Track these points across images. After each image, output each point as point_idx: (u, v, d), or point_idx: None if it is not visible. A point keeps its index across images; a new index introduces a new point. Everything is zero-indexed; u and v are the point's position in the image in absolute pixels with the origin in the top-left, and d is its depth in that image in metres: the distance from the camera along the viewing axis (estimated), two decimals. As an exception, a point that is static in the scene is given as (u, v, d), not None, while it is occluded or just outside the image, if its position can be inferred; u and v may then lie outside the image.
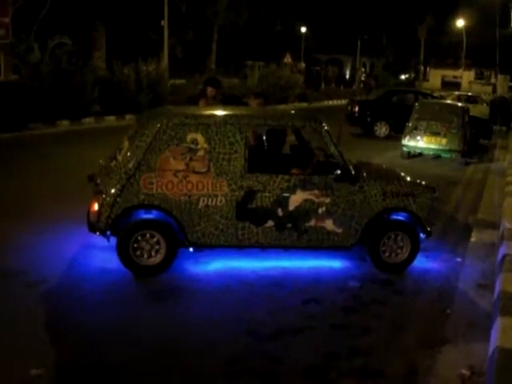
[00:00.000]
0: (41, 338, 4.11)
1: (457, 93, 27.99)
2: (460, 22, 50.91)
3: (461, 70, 54.00)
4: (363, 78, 49.56)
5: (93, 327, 4.32)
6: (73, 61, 17.74)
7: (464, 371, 3.87)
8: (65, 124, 16.49)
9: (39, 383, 3.59)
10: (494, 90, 35.31)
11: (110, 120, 18.17)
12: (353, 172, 5.59)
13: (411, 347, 4.28)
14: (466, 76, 56.84)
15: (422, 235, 5.84)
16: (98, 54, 27.11)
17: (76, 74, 17.52)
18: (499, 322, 4.24)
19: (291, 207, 5.43)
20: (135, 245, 5.25)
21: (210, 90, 7.17)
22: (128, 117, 18.05)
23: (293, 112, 7.30)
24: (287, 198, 5.41)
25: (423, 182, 6.12)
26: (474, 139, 14.71)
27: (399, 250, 5.77)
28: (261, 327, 4.41)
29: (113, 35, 28.57)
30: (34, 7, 23.33)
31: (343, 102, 24.78)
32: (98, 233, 5.30)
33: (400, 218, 5.80)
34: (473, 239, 7.07)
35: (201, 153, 5.25)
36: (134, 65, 20.43)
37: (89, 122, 17.39)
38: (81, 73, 17.85)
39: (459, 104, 15.57)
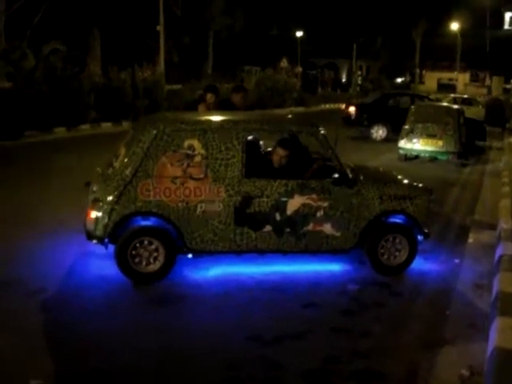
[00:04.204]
0: (41, 347, 4.10)
1: (452, 95, 28.05)
2: (454, 25, 51.12)
3: (456, 73, 54.11)
4: (360, 82, 49.65)
5: (92, 336, 4.30)
6: (68, 67, 17.73)
7: (464, 372, 3.88)
8: (61, 131, 16.46)
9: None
10: (489, 92, 35.40)
11: (107, 126, 18.16)
12: (350, 175, 5.61)
13: (411, 349, 4.28)
14: (462, 78, 56.96)
15: (419, 237, 5.85)
16: (93, 59, 27.13)
17: (71, 81, 17.51)
18: (498, 322, 4.26)
19: (289, 212, 5.44)
20: (133, 252, 5.24)
21: (209, 96, 7.27)
22: (124, 123, 18.06)
23: (290, 117, 7.32)
24: (285, 203, 5.42)
25: (420, 185, 6.14)
26: (470, 141, 14.76)
27: (397, 253, 5.78)
28: (261, 332, 4.41)
29: (108, 41, 28.57)
30: (27, 13, 23.30)
31: (340, 105, 24.80)
32: (95, 241, 5.29)
33: (398, 220, 5.82)
34: (470, 240, 7.09)
35: (198, 159, 5.26)
36: (130, 70, 20.43)
37: (85, 128, 17.37)
38: (76, 79, 17.84)
39: (455, 106, 15.61)
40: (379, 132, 17.74)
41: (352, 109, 18.50)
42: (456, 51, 51.85)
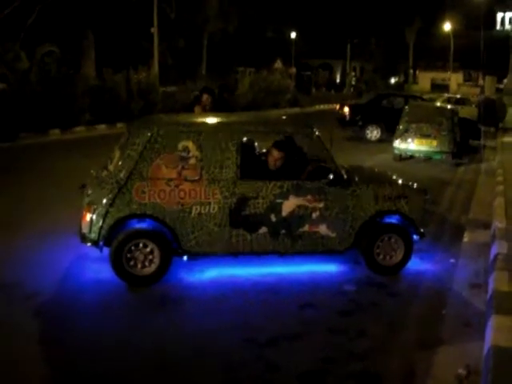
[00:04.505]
0: (36, 350, 4.09)
1: (446, 95, 28.17)
2: (447, 26, 51.39)
3: (449, 73, 54.32)
4: (354, 82, 49.78)
5: (88, 339, 4.29)
6: (62, 69, 17.68)
7: (461, 371, 3.88)
8: (56, 133, 16.41)
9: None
10: (482, 92, 35.51)
11: (101, 128, 18.12)
12: (345, 176, 5.61)
13: (408, 349, 4.28)
14: (455, 78, 57.16)
15: (415, 237, 5.87)
16: (87, 62, 27.06)
17: (66, 83, 17.47)
18: (493, 321, 4.28)
19: (284, 213, 5.43)
20: (129, 255, 5.22)
21: (205, 98, 7.41)
22: (119, 125, 18.01)
23: (284, 118, 7.33)
24: (280, 204, 5.41)
25: (415, 185, 6.16)
26: (464, 140, 14.81)
27: (393, 253, 5.79)
28: (257, 334, 4.40)
29: (102, 43, 28.51)
30: (20, 15, 23.20)
31: (334, 106, 24.87)
32: (89, 244, 5.27)
33: (393, 220, 5.83)
34: (465, 239, 7.11)
35: (193, 161, 5.25)
36: (124, 72, 20.40)
37: (80, 130, 17.34)
38: (71, 81, 17.80)
39: (448, 106, 15.68)
40: (374, 132, 17.77)
41: (346, 109, 18.55)
42: (449, 51, 52.09)
